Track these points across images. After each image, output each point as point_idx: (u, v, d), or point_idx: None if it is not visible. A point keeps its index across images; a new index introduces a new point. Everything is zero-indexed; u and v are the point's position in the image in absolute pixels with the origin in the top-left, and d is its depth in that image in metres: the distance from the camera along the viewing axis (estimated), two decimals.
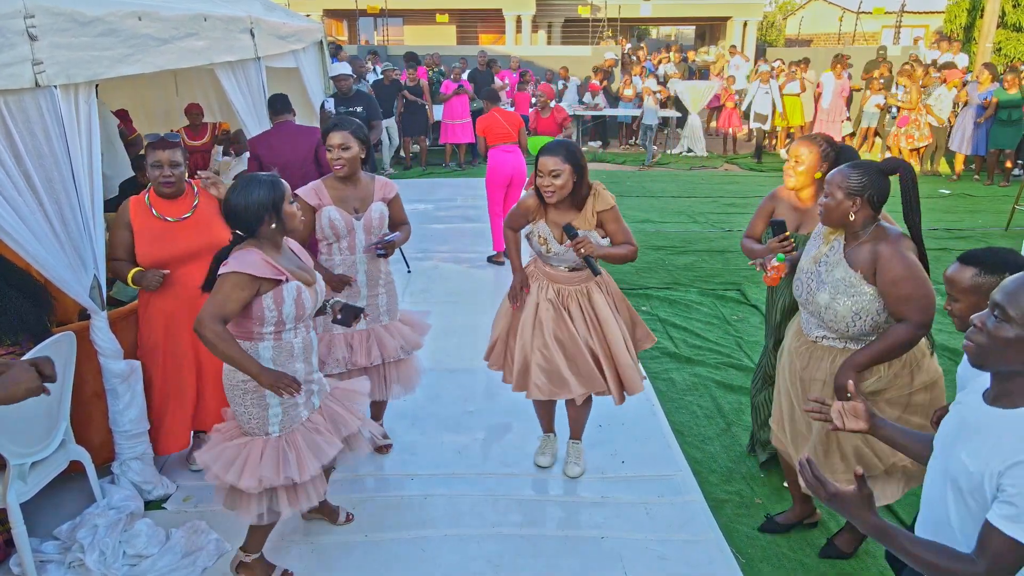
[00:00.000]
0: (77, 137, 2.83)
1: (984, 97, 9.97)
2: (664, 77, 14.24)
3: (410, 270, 6.38)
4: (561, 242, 3.07)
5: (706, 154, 12.75)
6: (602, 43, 20.25)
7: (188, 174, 3.31)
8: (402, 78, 10.76)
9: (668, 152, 13.08)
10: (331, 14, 24.53)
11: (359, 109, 7.39)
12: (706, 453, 3.73)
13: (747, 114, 12.29)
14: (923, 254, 2.50)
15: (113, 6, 3.06)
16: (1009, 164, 10.36)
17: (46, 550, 2.93)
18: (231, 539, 2.96)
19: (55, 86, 2.70)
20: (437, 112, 11.39)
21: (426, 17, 24.16)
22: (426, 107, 11.15)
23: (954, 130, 10.53)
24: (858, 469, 1.56)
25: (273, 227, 2.48)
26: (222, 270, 2.44)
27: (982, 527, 1.44)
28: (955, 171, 10.71)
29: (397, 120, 10.76)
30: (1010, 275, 1.52)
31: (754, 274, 6.15)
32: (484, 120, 6.61)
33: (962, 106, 10.51)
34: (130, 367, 3.16)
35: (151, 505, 3.27)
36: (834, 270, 2.54)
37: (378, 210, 3.30)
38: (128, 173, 5.52)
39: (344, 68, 7.66)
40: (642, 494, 3.37)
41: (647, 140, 11.90)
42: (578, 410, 3.47)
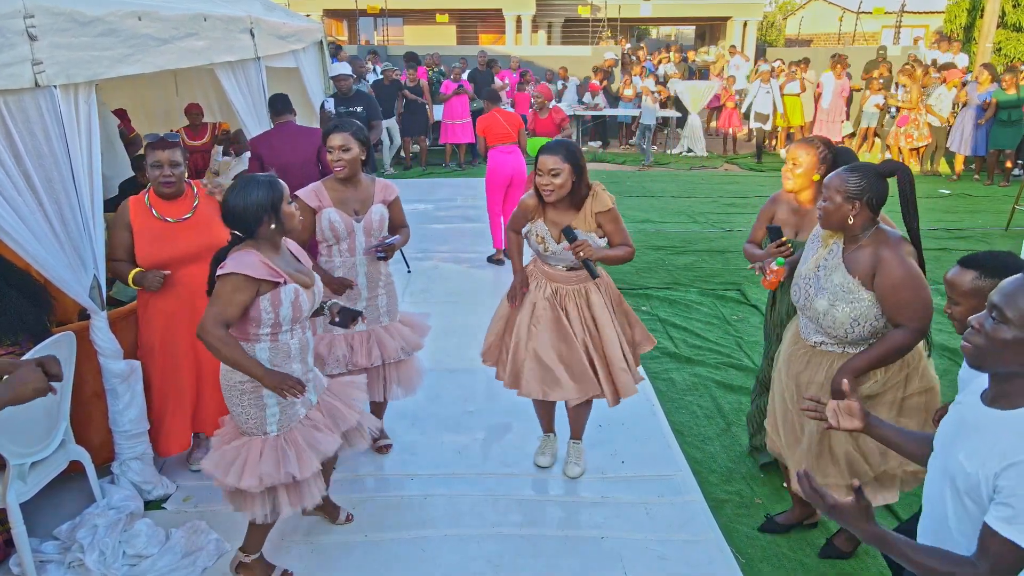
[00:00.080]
0: (77, 137, 2.83)
1: (984, 98, 9.97)
2: (664, 77, 14.24)
3: (410, 270, 6.37)
4: (559, 242, 3.08)
5: (706, 154, 12.75)
6: (602, 43, 20.24)
7: (188, 174, 3.31)
8: (402, 78, 10.76)
9: (668, 152, 13.08)
10: (331, 14, 24.54)
11: (359, 109, 7.39)
12: (706, 453, 3.73)
13: (747, 114, 12.28)
14: (921, 257, 2.50)
15: (113, 6, 3.06)
16: (1009, 164, 10.36)
17: (46, 550, 2.93)
18: (231, 539, 2.96)
19: (55, 86, 2.70)
20: (437, 112, 11.39)
21: (426, 17, 24.16)
22: (426, 107, 11.15)
23: (953, 130, 10.53)
24: (855, 481, 1.57)
25: (272, 228, 2.47)
26: (220, 272, 2.43)
27: (981, 529, 1.44)
28: (955, 171, 10.71)
29: (398, 120, 10.76)
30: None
31: (754, 274, 6.15)
32: (484, 120, 6.61)
33: (961, 106, 10.51)
34: (130, 367, 3.16)
35: (151, 505, 3.27)
36: (832, 275, 2.53)
37: (378, 212, 3.30)
38: (128, 173, 5.53)
39: (344, 68, 7.65)
40: (642, 494, 3.37)
41: (646, 140, 11.88)
42: (577, 410, 3.47)
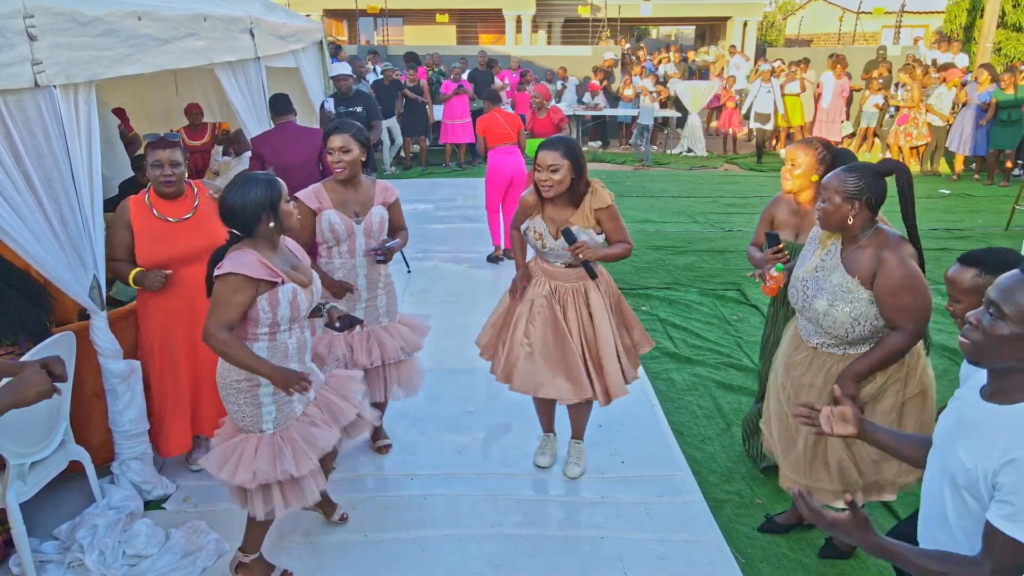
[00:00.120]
0: (77, 137, 2.83)
1: (983, 99, 9.97)
2: (664, 77, 14.25)
3: (410, 270, 6.37)
4: (556, 238, 3.09)
5: (706, 154, 12.75)
6: (601, 43, 20.24)
7: (188, 174, 3.31)
8: (402, 79, 10.76)
9: (668, 152, 13.08)
10: (331, 14, 24.54)
11: (359, 109, 7.39)
12: (706, 453, 3.73)
13: (747, 114, 12.28)
14: (921, 257, 2.50)
15: (113, 6, 3.06)
16: (1009, 164, 10.35)
17: (45, 550, 2.93)
18: (230, 539, 2.96)
19: (54, 86, 2.70)
20: (437, 112, 11.39)
21: (426, 17, 24.16)
22: (426, 107, 11.15)
23: (952, 130, 10.52)
24: (847, 496, 1.56)
25: (271, 226, 2.46)
26: (217, 272, 2.43)
27: (984, 528, 1.44)
28: (955, 171, 10.71)
29: (398, 120, 10.76)
30: None
31: (755, 280, 6.15)
32: (485, 120, 6.63)
33: (961, 106, 10.51)
34: (129, 367, 3.16)
35: (151, 505, 3.27)
36: (831, 276, 2.53)
37: (379, 214, 3.30)
38: (128, 173, 5.52)
39: (344, 68, 7.65)
40: (642, 494, 3.37)
41: (644, 140, 11.85)
42: (577, 410, 3.47)
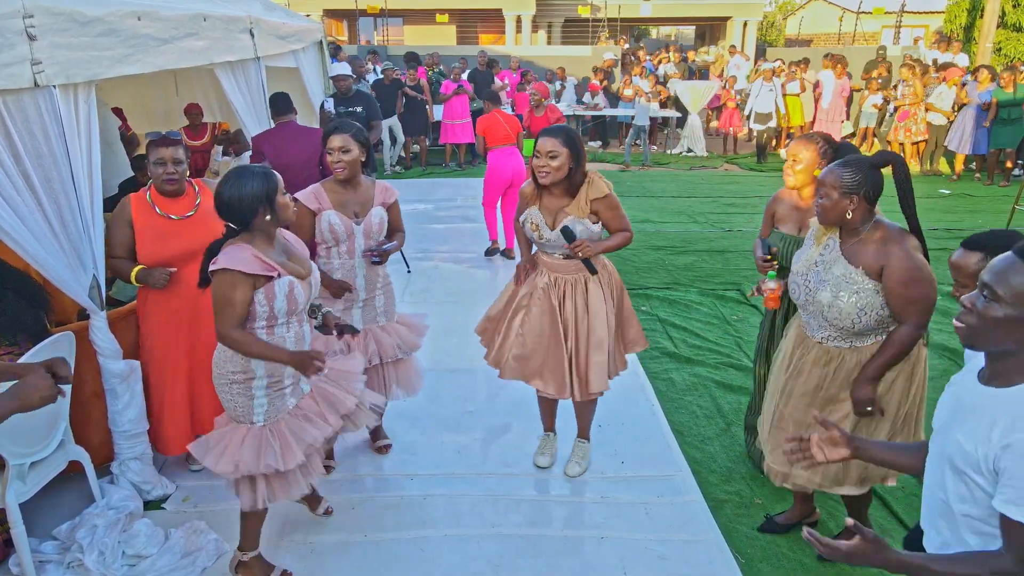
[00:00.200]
0: (76, 137, 2.83)
1: (983, 98, 9.96)
2: (664, 77, 14.25)
3: (410, 270, 6.38)
4: (552, 229, 3.10)
5: (706, 154, 12.75)
6: (600, 43, 20.24)
7: (188, 173, 3.31)
8: (402, 79, 10.76)
9: (668, 152, 13.08)
10: (331, 14, 24.54)
11: (359, 109, 7.38)
12: (706, 453, 3.73)
13: (749, 114, 12.26)
14: (925, 248, 2.50)
15: (113, 6, 3.06)
16: (1009, 164, 10.35)
17: (45, 550, 2.93)
18: (230, 539, 2.95)
19: (54, 86, 2.69)
20: (437, 112, 11.39)
21: (426, 17, 24.17)
22: (426, 107, 11.15)
23: (952, 130, 10.52)
24: (848, 520, 1.54)
25: (267, 219, 2.46)
26: (212, 267, 2.43)
27: (1000, 520, 1.43)
28: (955, 171, 10.71)
29: (400, 119, 10.75)
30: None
31: (754, 273, 6.15)
32: (485, 120, 6.65)
33: (961, 106, 10.49)
34: (129, 367, 3.16)
35: (150, 505, 3.27)
36: (832, 268, 2.53)
37: (378, 215, 3.31)
38: (127, 174, 5.51)
39: (343, 68, 7.65)
40: (642, 494, 3.37)
41: (642, 140, 11.81)
42: (581, 407, 3.48)
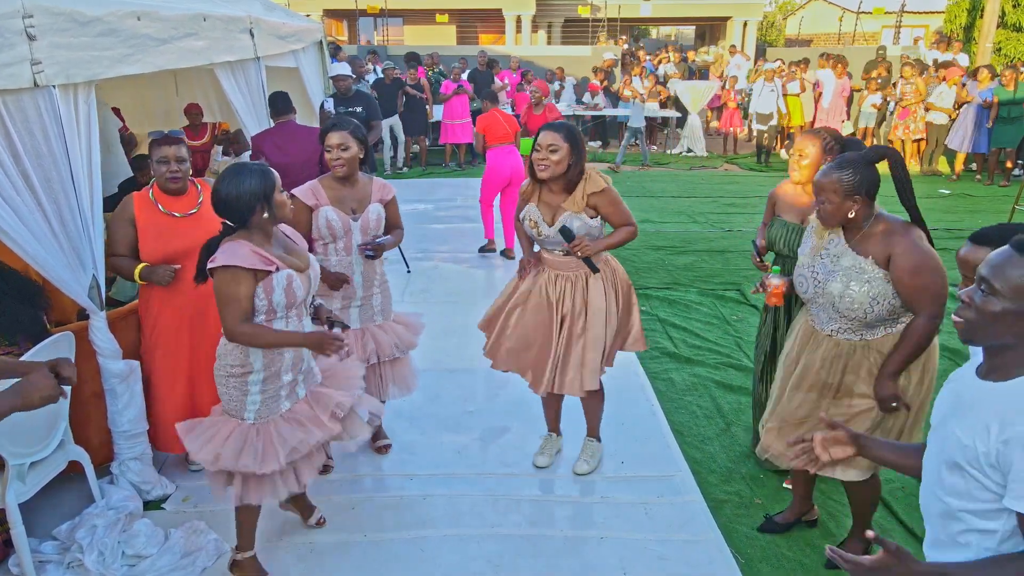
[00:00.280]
0: (76, 137, 2.83)
1: (984, 96, 9.96)
2: (664, 77, 14.25)
3: (410, 270, 6.37)
4: (551, 225, 3.10)
5: (706, 154, 12.74)
6: (599, 43, 20.24)
7: (191, 172, 3.31)
8: (403, 79, 10.76)
9: (668, 152, 13.07)
10: (331, 14, 24.54)
11: (359, 109, 7.38)
12: (706, 453, 3.73)
13: (745, 114, 12.25)
14: (929, 238, 2.51)
15: (113, 6, 3.06)
16: (1009, 164, 10.35)
17: (45, 550, 2.93)
18: (230, 539, 2.95)
19: (54, 86, 2.69)
20: (437, 112, 11.39)
21: (426, 17, 24.17)
22: (426, 107, 11.14)
23: (954, 128, 10.51)
24: (869, 533, 1.51)
25: (265, 217, 2.47)
26: (211, 265, 2.44)
27: (1017, 518, 1.41)
28: (955, 171, 10.71)
29: (400, 118, 10.75)
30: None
31: (754, 273, 6.15)
32: (484, 119, 6.70)
33: (962, 105, 10.49)
34: (129, 367, 3.16)
35: (150, 505, 3.27)
36: (840, 259, 2.53)
37: (376, 211, 3.31)
38: (127, 175, 5.51)
39: (343, 68, 7.65)
40: (642, 494, 3.37)
41: (639, 142, 11.76)
42: (588, 404, 3.49)
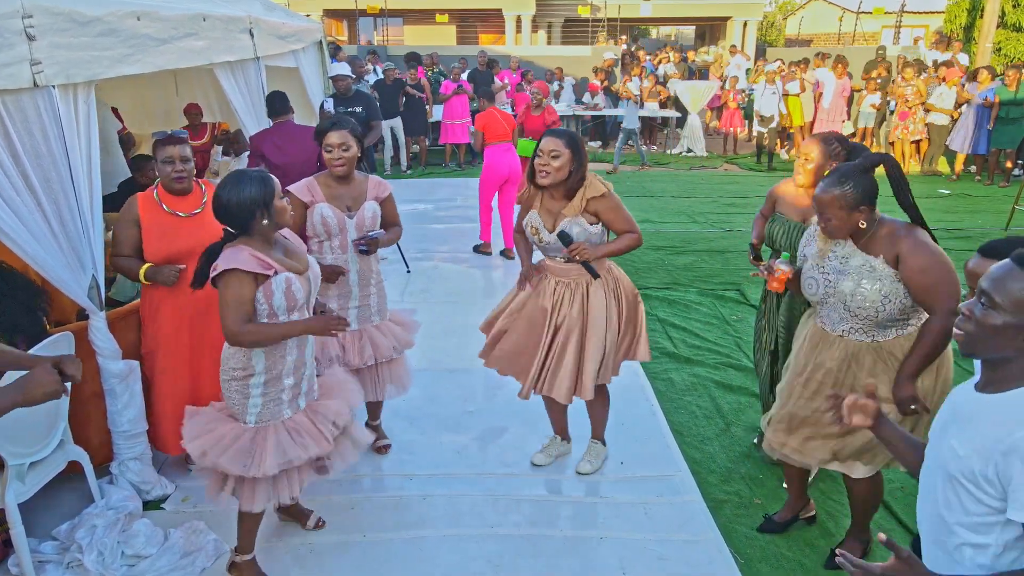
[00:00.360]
0: (76, 138, 2.83)
1: (985, 96, 9.95)
2: (664, 77, 14.25)
3: (409, 270, 6.37)
4: (551, 231, 3.10)
5: (706, 154, 12.74)
6: (599, 43, 20.24)
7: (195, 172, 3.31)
8: (403, 79, 10.76)
9: (668, 152, 13.07)
10: (331, 14, 24.54)
11: (359, 109, 7.38)
12: (705, 453, 3.73)
13: (748, 115, 12.23)
14: (932, 236, 2.51)
15: (112, 6, 3.06)
16: (1009, 164, 10.35)
17: (44, 550, 2.93)
18: (230, 540, 2.95)
19: (53, 86, 2.69)
20: (437, 112, 11.39)
21: (426, 17, 24.17)
22: (425, 107, 11.14)
23: (955, 129, 10.51)
24: (881, 536, 1.50)
25: (264, 223, 2.48)
26: (214, 273, 2.46)
27: (1023, 530, 1.41)
28: (955, 171, 10.71)
29: (400, 118, 10.75)
30: None
31: (754, 277, 6.14)
32: (483, 117, 6.72)
33: (962, 105, 10.49)
34: (128, 367, 3.16)
35: (149, 505, 3.27)
36: (850, 260, 2.54)
37: (371, 209, 3.31)
38: (124, 176, 5.50)
39: (343, 68, 7.65)
40: (641, 494, 3.37)
41: (634, 142, 11.71)
42: (592, 406, 3.49)
